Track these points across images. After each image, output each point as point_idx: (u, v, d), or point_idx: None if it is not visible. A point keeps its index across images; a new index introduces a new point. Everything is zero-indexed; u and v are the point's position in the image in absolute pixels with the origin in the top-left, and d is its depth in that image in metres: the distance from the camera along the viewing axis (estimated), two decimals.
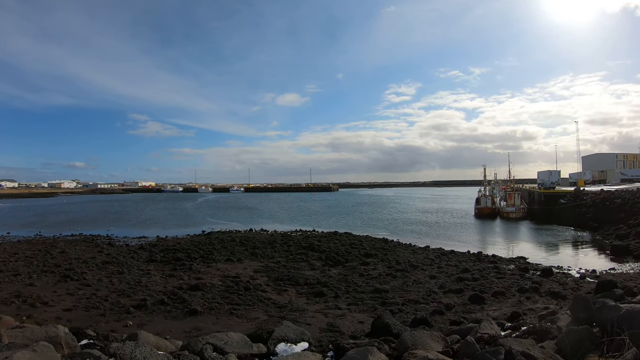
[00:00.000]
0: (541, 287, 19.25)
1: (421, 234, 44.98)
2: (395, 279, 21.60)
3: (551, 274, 23.22)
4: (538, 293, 18.30)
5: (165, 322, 14.02)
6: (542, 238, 40.55)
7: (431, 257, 28.17)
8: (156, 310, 15.48)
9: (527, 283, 20.19)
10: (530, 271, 24.14)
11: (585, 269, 25.36)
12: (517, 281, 21.04)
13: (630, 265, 26.49)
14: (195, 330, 12.96)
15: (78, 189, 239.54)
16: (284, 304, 16.58)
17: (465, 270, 23.73)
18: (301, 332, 6.74)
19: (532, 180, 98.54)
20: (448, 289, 19.02)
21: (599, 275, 23.27)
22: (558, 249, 34.68)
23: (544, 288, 19.16)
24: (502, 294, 17.88)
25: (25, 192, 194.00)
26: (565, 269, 25.41)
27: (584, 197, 49.29)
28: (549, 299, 17.22)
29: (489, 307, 15.60)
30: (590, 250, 33.35)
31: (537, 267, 25.23)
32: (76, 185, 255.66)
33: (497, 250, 33.65)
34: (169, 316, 14.85)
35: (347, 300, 17.36)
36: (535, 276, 22.77)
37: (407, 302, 16.61)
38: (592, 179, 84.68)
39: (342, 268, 24.57)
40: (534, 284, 19.68)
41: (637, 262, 26.93)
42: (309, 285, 20.00)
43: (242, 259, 27.16)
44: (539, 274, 23.31)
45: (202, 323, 13.93)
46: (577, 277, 22.83)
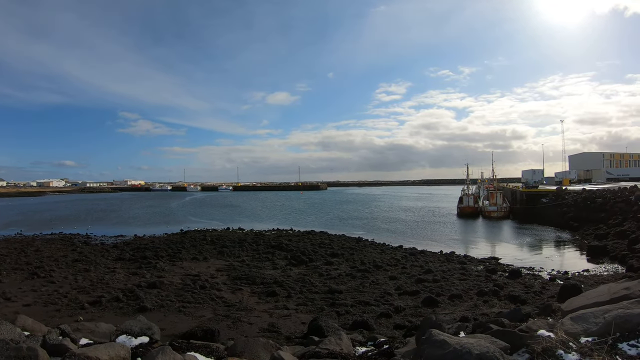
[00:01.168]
0: (502, 290, 18.39)
1: (397, 233, 44.35)
2: (354, 279, 21.26)
3: (519, 275, 22.37)
4: (497, 296, 17.43)
5: (115, 318, 13.99)
6: (521, 238, 39.85)
7: (398, 257, 27.58)
8: (109, 307, 15.82)
9: (488, 285, 19.33)
10: (498, 272, 23.35)
11: (558, 270, 24.58)
12: (480, 283, 20.24)
13: (605, 266, 25.62)
14: None
15: (67, 188, 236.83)
16: (234, 303, 16.53)
17: (429, 271, 22.99)
18: (148, 327, 6.78)
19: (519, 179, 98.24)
20: (404, 290, 18.62)
21: (570, 278, 22.36)
22: (534, 249, 33.85)
23: (505, 291, 18.31)
24: (459, 297, 17.35)
25: (14, 191, 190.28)
26: (537, 270, 24.53)
27: (565, 197, 48.52)
28: (507, 302, 16.39)
29: (442, 311, 15.13)
30: (568, 251, 32.56)
31: (506, 269, 24.36)
32: (65, 184, 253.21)
33: (472, 250, 33.05)
34: (120, 312, 15.12)
35: (298, 300, 17.25)
36: (502, 278, 21.92)
37: (358, 304, 16.34)
38: (578, 178, 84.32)
39: (304, 268, 24.49)
40: (495, 287, 18.80)
41: (613, 263, 26.06)
42: (265, 284, 19.85)
43: (207, 258, 27.20)
44: (506, 276, 22.45)
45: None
46: (547, 279, 21.95)
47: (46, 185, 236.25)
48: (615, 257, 26.88)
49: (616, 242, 30.29)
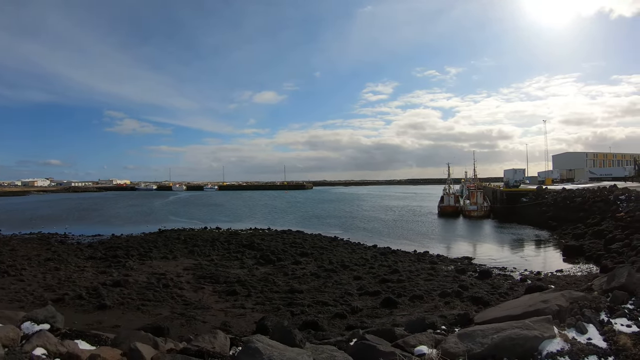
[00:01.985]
0: (466, 292, 17.74)
1: (374, 233, 44.00)
2: (318, 279, 21.14)
3: (489, 276, 21.76)
4: (460, 298, 16.82)
5: (75, 315, 14.53)
6: (499, 237, 39.39)
7: (367, 257, 27.16)
8: (71, 304, 16.11)
9: (453, 286, 18.66)
10: (467, 273, 22.78)
11: (531, 270, 23.99)
12: (445, 284, 19.65)
13: (580, 266, 25.08)
14: (96, 323, 13.52)
15: (52, 187, 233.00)
16: (193, 302, 16.67)
17: (395, 271, 22.46)
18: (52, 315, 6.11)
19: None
20: (366, 291, 18.38)
21: (542, 278, 21.74)
22: (511, 248, 33.31)
23: (469, 292, 17.65)
24: (421, 298, 16.95)
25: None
26: (509, 271, 23.94)
27: (545, 196, 48.13)
28: (469, 304, 15.81)
29: (400, 312, 14.93)
30: (544, 251, 32.08)
31: (477, 269, 23.74)
32: (50, 183, 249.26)
33: (447, 249, 32.51)
34: (80, 310, 15.44)
35: (257, 299, 17.23)
36: (470, 278, 21.34)
37: (315, 304, 16.21)
38: (560, 178, 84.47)
39: (271, 267, 24.47)
40: (459, 288, 18.14)
41: (588, 263, 25.51)
42: (228, 283, 19.80)
43: (177, 257, 27.25)
44: (476, 276, 21.87)
45: (106, 317, 14.63)
46: (517, 280, 21.34)
47: (31, 184, 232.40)
48: (591, 257, 26.34)
49: (593, 242, 29.78)
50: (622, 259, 22.54)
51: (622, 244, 25.70)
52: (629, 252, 23.67)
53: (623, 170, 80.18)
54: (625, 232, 27.89)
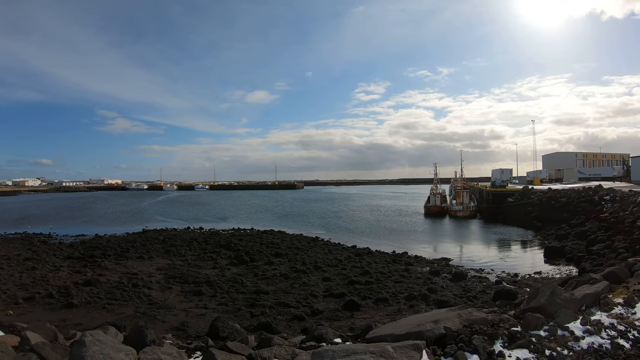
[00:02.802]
0: (434, 295, 17.32)
1: (356, 233, 43.78)
2: (287, 280, 21.13)
3: (463, 278, 21.29)
4: (426, 301, 16.36)
5: (42, 313, 14.96)
6: (482, 238, 39.10)
7: (341, 258, 26.86)
8: (41, 303, 16.41)
9: (422, 289, 18.21)
10: (442, 275, 22.32)
11: (508, 272, 23.53)
12: (415, 286, 19.27)
13: (559, 268, 24.64)
14: (60, 321, 13.74)
15: (42, 187, 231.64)
16: (158, 301, 16.74)
17: (366, 272, 22.12)
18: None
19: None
20: (331, 293, 18.14)
21: (518, 281, 21.26)
22: (492, 249, 32.88)
23: (437, 295, 17.22)
24: (386, 301, 16.53)
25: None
26: (487, 272, 23.53)
27: (531, 196, 47.74)
28: (435, 308, 15.04)
29: (361, 315, 14.74)
30: (526, 251, 31.65)
31: (452, 270, 23.19)
32: (40, 183, 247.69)
33: (426, 250, 32.06)
34: (48, 308, 15.77)
35: (221, 300, 17.23)
36: (444, 280, 20.97)
37: (277, 305, 16.10)
38: (549, 178, 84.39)
39: (244, 267, 24.41)
40: (427, 291, 17.71)
41: (568, 265, 25.03)
42: (196, 283, 19.88)
43: (153, 257, 27.36)
44: (449, 278, 21.44)
45: (71, 315, 14.90)
46: (492, 282, 20.87)
47: (21, 184, 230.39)
48: (572, 258, 25.81)
49: (575, 243, 29.38)
50: (602, 261, 22.07)
51: (603, 246, 25.24)
52: (609, 254, 23.19)
53: (612, 170, 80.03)
54: (608, 234, 27.48)
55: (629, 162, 68.94)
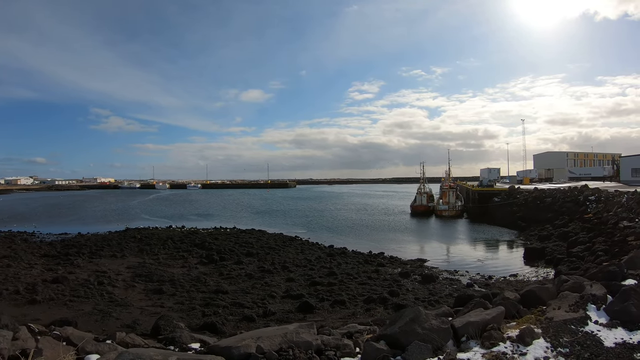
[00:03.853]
0: (395, 298, 16.86)
1: (337, 232, 43.50)
2: (251, 280, 21.10)
3: (433, 280, 20.81)
4: (384, 304, 15.93)
5: (7, 308, 15.01)
6: (464, 238, 38.59)
7: (311, 258, 26.64)
8: (7, 299, 16.61)
9: (383, 292, 17.69)
10: (412, 276, 21.82)
11: (483, 274, 22.98)
12: (378, 288, 18.88)
13: (537, 270, 24.01)
14: (21, 316, 13.97)
15: (35, 185, 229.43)
16: (118, 299, 17.05)
17: (332, 273, 22.01)
18: None
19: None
20: (289, 294, 18.07)
21: (490, 284, 20.60)
22: (472, 250, 32.32)
23: (398, 299, 16.70)
24: (343, 304, 16.34)
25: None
26: (460, 274, 23.05)
27: (517, 196, 47.11)
28: (392, 312, 14.92)
29: (313, 318, 14.48)
30: (506, 253, 31.02)
31: (423, 272, 22.54)
32: (33, 181, 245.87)
33: (404, 250, 31.41)
34: (12, 304, 16.02)
35: (179, 299, 17.38)
36: (412, 283, 20.50)
37: (232, 305, 16.19)
38: (539, 177, 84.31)
39: (212, 267, 24.50)
40: (388, 294, 17.24)
41: (547, 267, 24.32)
42: (160, 282, 20.00)
43: (126, 255, 27.56)
44: (419, 280, 20.96)
45: (32, 311, 15.19)
46: (464, 285, 20.35)
47: (14, 182, 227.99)
48: (551, 260, 25.10)
49: (556, 244, 28.79)
50: (579, 264, 21.42)
51: (583, 248, 24.61)
52: (588, 256, 22.55)
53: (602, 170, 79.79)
54: (589, 235, 26.85)
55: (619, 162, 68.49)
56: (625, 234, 22.95)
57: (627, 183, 54.35)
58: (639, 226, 23.18)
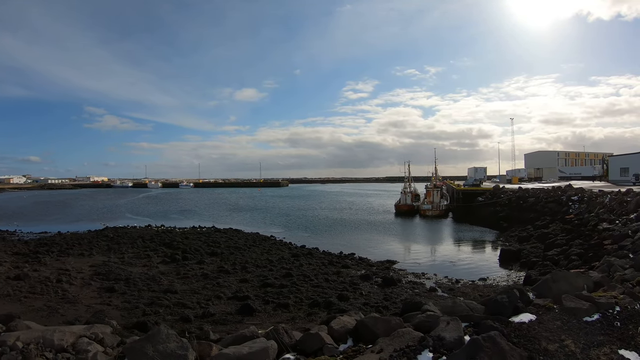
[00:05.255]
0: (344, 302, 16.25)
1: (313, 232, 43.04)
2: (205, 280, 21.03)
3: (393, 284, 20.04)
4: (328, 309, 15.21)
5: None
6: (443, 238, 38.02)
7: (273, 259, 26.28)
8: None
9: (333, 295, 17.28)
10: (373, 279, 21.23)
11: (452, 277, 22.20)
12: (331, 291, 18.39)
13: (509, 274, 23.17)
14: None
15: (27, 184, 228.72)
16: (70, 296, 17.14)
17: (289, 275, 21.54)
18: None
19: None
20: (236, 295, 17.81)
21: (455, 288, 19.92)
22: (448, 250, 31.62)
23: (345, 304, 16.02)
24: (286, 307, 15.98)
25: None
26: (427, 277, 22.34)
27: (501, 195, 46.28)
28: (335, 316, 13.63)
29: (251, 320, 14.35)
30: (482, 254, 30.17)
31: (387, 274, 21.80)
32: (26, 180, 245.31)
33: (377, 251, 30.57)
34: None
35: (128, 297, 17.37)
36: (372, 286, 19.85)
37: (175, 306, 16.16)
38: (528, 177, 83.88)
39: (173, 266, 24.48)
40: (336, 298, 16.77)
41: (521, 271, 23.46)
42: (115, 280, 20.06)
43: (93, 254, 27.63)
44: (379, 283, 20.33)
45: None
46: (427, 289, 19.65)
47: (6, 181, 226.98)
48: (526, 263, 24.30)
49: (534, 246, 28.10)
50: (550, 269, 20.47)
51: (559, 251, 23.82)
52: (562, 260, 21.77)
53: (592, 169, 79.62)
54: (567, 237, 26.08)
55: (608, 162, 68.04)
56: (603, 237, 22.27)
57: (616, 183, 54.18)
58: (618, 228, 22.41)
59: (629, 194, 28.87)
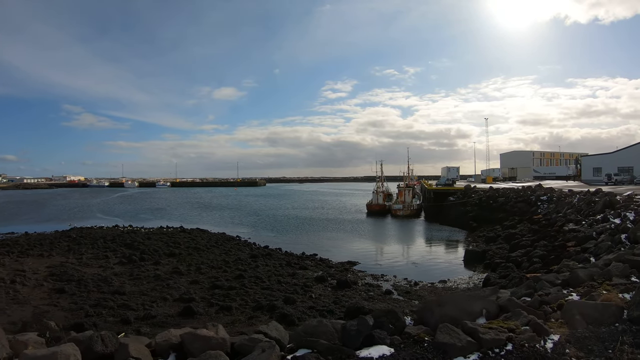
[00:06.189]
0: (289, 306, 15.99)
1: (280, 232, 42.81)
2: (157, 281, 20.61)
3: (348, 286, 19.65)
4: (271, 313, 15.27)
5: None
6: (411, 239, 37.80)
7: (229, 260, 26.00)
8: None
9: (279, 299, 16.88)
10: (327, 281, 20.89)
11: (411, 279, 21.82)
12: (279, 294, 18.01)
13: (471, 276, 22.84)
14: None
15: (2, 184, 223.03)
16: (20, 297, 17.08)
17: (240, 277, 21.06)
18: None
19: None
20: (182, 297, 17.53)
21: (413, 291, 19.60)
22: (413, 251, 31.39)
23: (290, 308, 15.73)
24: (229, 310, 15.83)
25: None
26: (386, 279, 21.99)
27: (472, 195, 46.18)
28: (279, 319, 13.46)
29: (191, 323, 13.75)
30: (448, 255, 29.98)
31: (342, 277, 21.30)
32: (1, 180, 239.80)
33: (340, 252, 30.27)
34: None
35: (77, 299, 17.17)
36: (324, 289, 19.46)
37: (119, 307, 16.00)
38: (503, 176, 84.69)
39: (129, 267, 24.18)
40: (282, 301, 16.42)
41: (484, 273, 23.03)
42: (68, 281, 19.86)
43: (53, 255, 27.42)
44: (333, 286, 19.97)
45: None
46: (382, 292, 19.23)
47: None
48: (489, 265, 23.96)
49: (500, 247, 27.81)
50: (509, 272, 20.15)
51: (523, 252, 23.39)
52: (525, 262, 21.37)
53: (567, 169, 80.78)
54: (533, 238, 25.75)
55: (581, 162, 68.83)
56: (567, 238, 21.98)
57: (588, 182, 54.97)
58: (583, 230, 22.13)
59: (597, 194, 28.85)
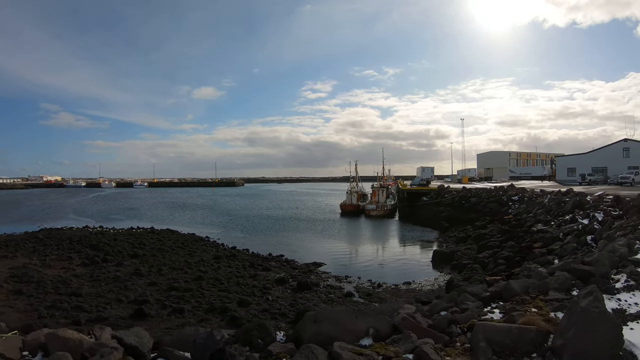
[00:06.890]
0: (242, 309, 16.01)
1: (250, 232, 42.47)
2: (115, 283, 20.53)
3: (308, 288, 19.53)
4: (222, 315, 15.58)
5: None
6: (382, 239, 37.68)
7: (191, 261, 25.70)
8: None
9: (233, 301, 16.87)
10: (288, 282, 20.81)
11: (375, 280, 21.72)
12: (235, 296, 17.92)
13: (437, 277, 22.78)
14: None
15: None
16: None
17: (199, 278, 21.01)
18: None
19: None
20: (136, 299, 17.46)
21: (374, 293, 19.58)
22: (382, 252, 31.39)
23: (242, 310, 15.81)
24: (181, 312, 15.85)
25: None
26: (349, 281, 21.86)
27: (445, 195, 46.27)
28: (228, 322, 14.90)
29: (142, 325, 12.89)
30: (416, 256, 29.84)
31: (303, 279, 21.06)
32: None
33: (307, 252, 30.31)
34: None
35: (33, 300, 17.14)
36: (284, 291, 19.36)
37: (73, 309, 15.98)
38: (479, 176, 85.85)
39: (91, 268, 23.99)
40: (235, 304, 16.49)
41: (451, 274, 23.02)
42: (27, 283, 19.72)
43: (17, 256, 27.09)
44: (293, 287, 19.87)
45: None
46: (342, 294, 19.10)
47: None
48: (457, 266, 23.89)
49: (469, 247, 27.97)
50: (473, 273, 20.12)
51: (490, 253, 23.39)
52: (492, 264, 21.40)
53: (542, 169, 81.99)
54: (501, 239, 25.83)
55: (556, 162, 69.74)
56: (534, 239, 22.05)
57: (563, 182, 55.66)
58: (552, 230, 22.12)
59: (568, 194, 28.91)
